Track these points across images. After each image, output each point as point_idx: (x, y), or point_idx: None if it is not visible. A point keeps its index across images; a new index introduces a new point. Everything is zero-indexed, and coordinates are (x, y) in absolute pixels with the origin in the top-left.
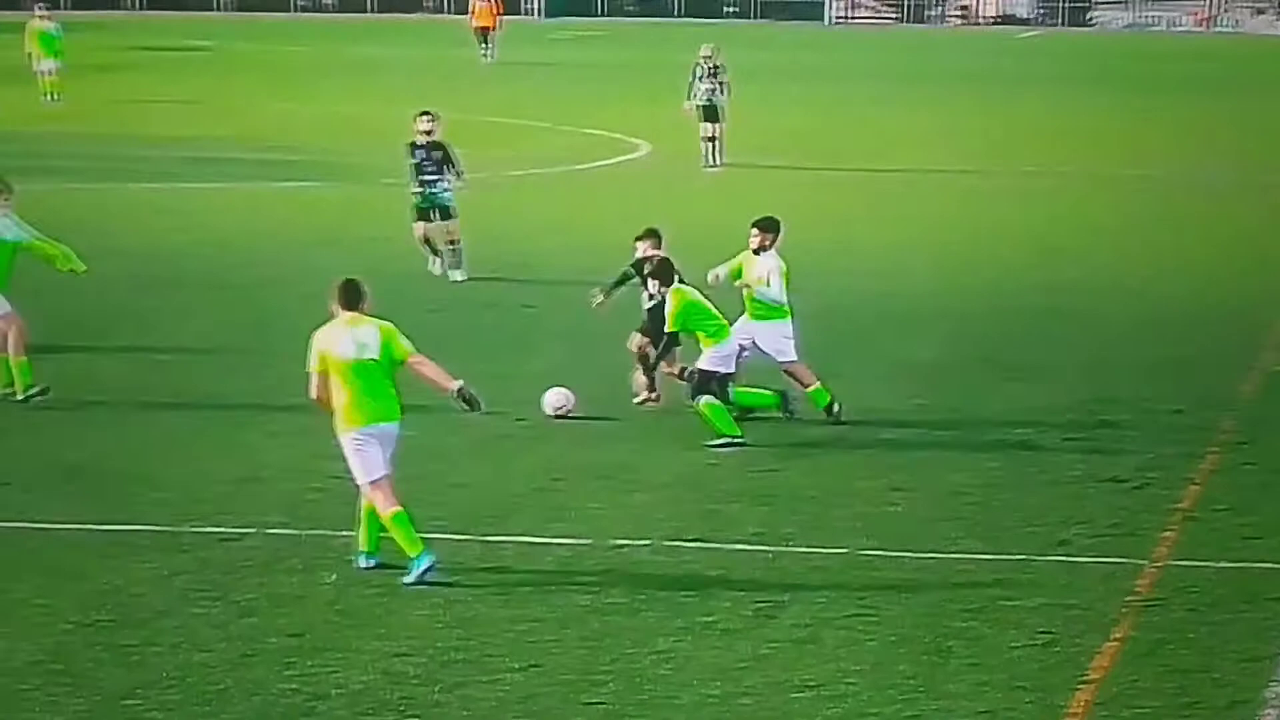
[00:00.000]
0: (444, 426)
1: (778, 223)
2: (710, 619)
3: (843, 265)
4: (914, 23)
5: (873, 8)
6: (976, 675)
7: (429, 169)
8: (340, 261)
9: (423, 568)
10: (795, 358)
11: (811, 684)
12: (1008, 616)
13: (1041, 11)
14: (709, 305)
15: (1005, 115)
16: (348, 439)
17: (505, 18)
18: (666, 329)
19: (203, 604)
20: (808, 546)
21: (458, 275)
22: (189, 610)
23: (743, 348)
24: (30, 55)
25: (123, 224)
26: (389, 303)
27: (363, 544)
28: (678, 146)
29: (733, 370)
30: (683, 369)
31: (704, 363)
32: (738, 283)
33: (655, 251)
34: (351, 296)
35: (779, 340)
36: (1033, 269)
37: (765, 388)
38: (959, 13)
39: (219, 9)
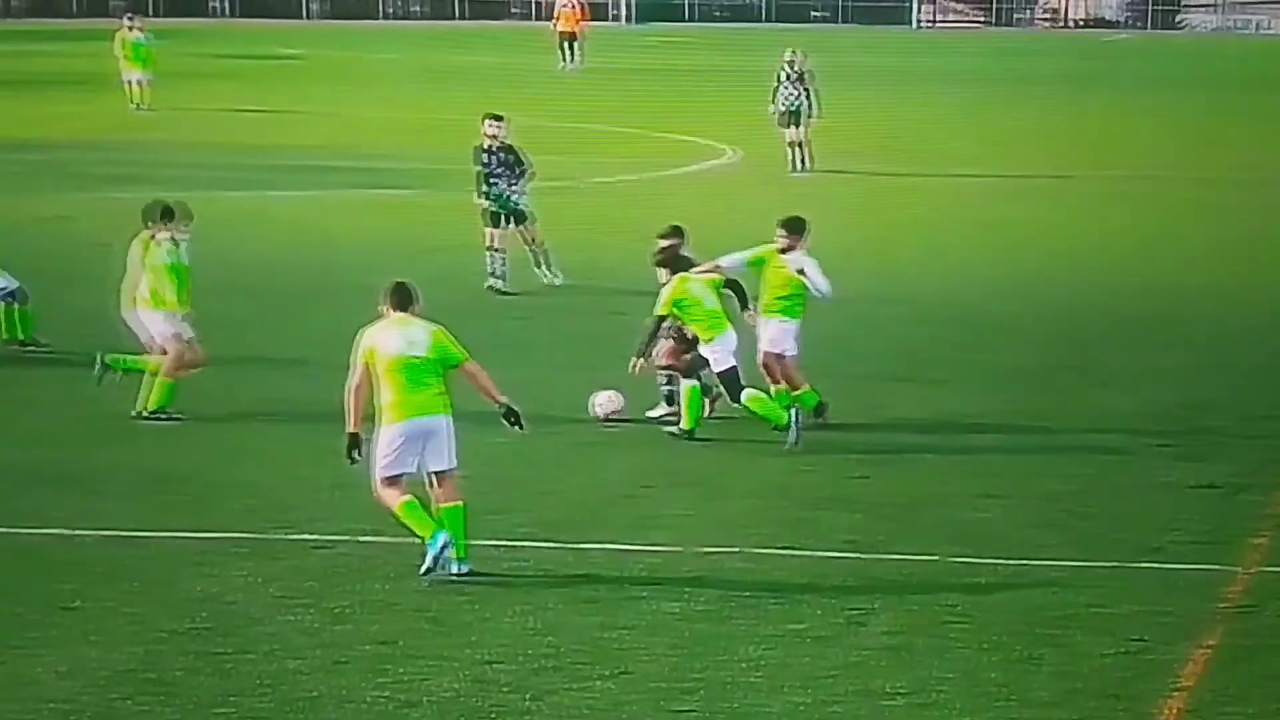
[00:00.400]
0: (534, 434)
1: (804, 223)
2: (800, 626)
3: (933, 270)
4: (1002, 26)
5: (960, 11)
6: (1067, 683)
7: (499, 173)
8: (431, 269)
9: (438, 546)
10: (796, 353)
11: (902, 691)
12: (1099, 623)
13: (1130, 14)
14: (708, 301)
15: (1098, 118)
16: (386, 434)
17: (594, 24)
18: (655, 311)
19: (295, 611)
20: (898, 553)
21: (552, 277)
22: (282, 617)
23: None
24: (120, 63)
25: (215, 232)
26: (476, 310)
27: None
28: (766, 152)
29: (734, 363)
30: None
31: (713, 363)
32: (790, 268)
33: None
34: (403, 298)
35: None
36: (1127, 273)
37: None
38: (1047, 16)
39: (308, 17)
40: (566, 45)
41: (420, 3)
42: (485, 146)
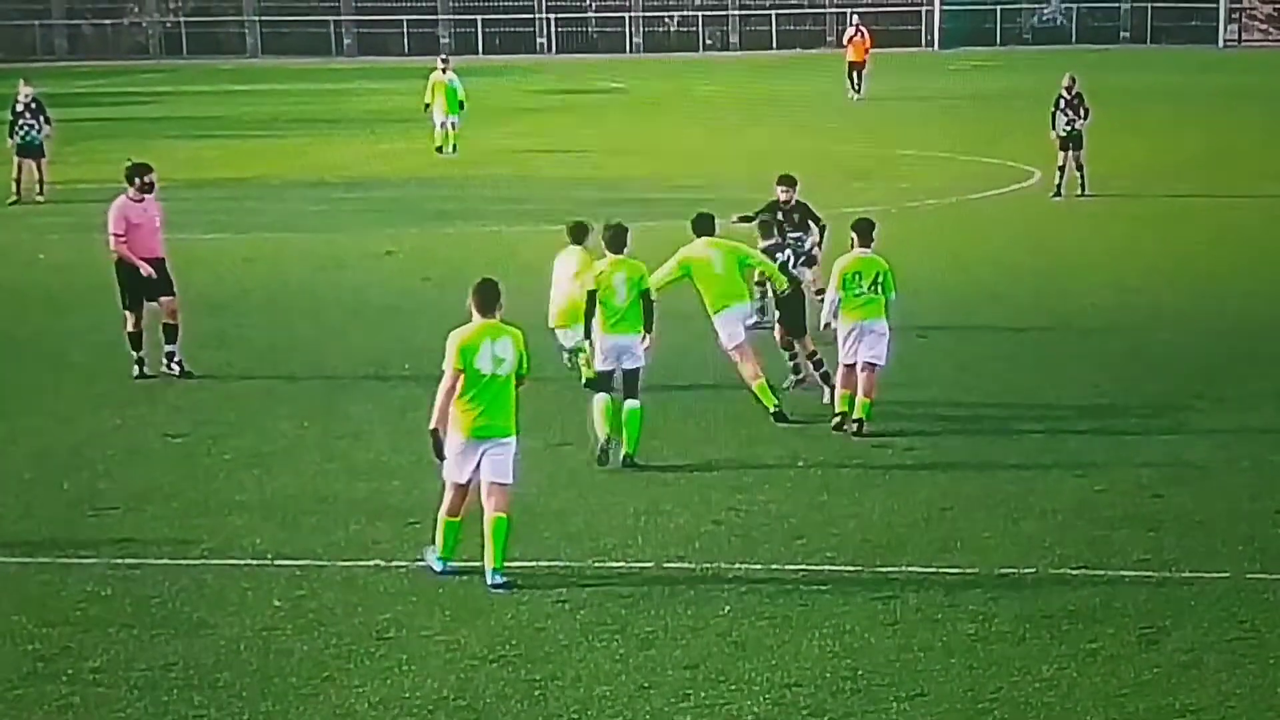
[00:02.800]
0: (836, 459)
1: (871, 225)
2: (1094, 645)
3: (1234, 288)
4: None
5: (1264, 30)
6: None
7: (788, 229)
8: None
9: (438, 568)
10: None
11: (1193, 708)
12: None
13: None
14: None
15: None
16: (453, 441)
17: (905, 49)
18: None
19: (603, 637)
20: (1192, 571)
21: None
22: (590, 644)
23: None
24: (429, 106)
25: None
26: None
27: (491, 561)
28: (1073, 174)
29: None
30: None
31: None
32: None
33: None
34: (488, 300)
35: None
36: None
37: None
38: None
39: (631, 51)
40: (855, 74)
41: (738, 34)
42: (781, 204)
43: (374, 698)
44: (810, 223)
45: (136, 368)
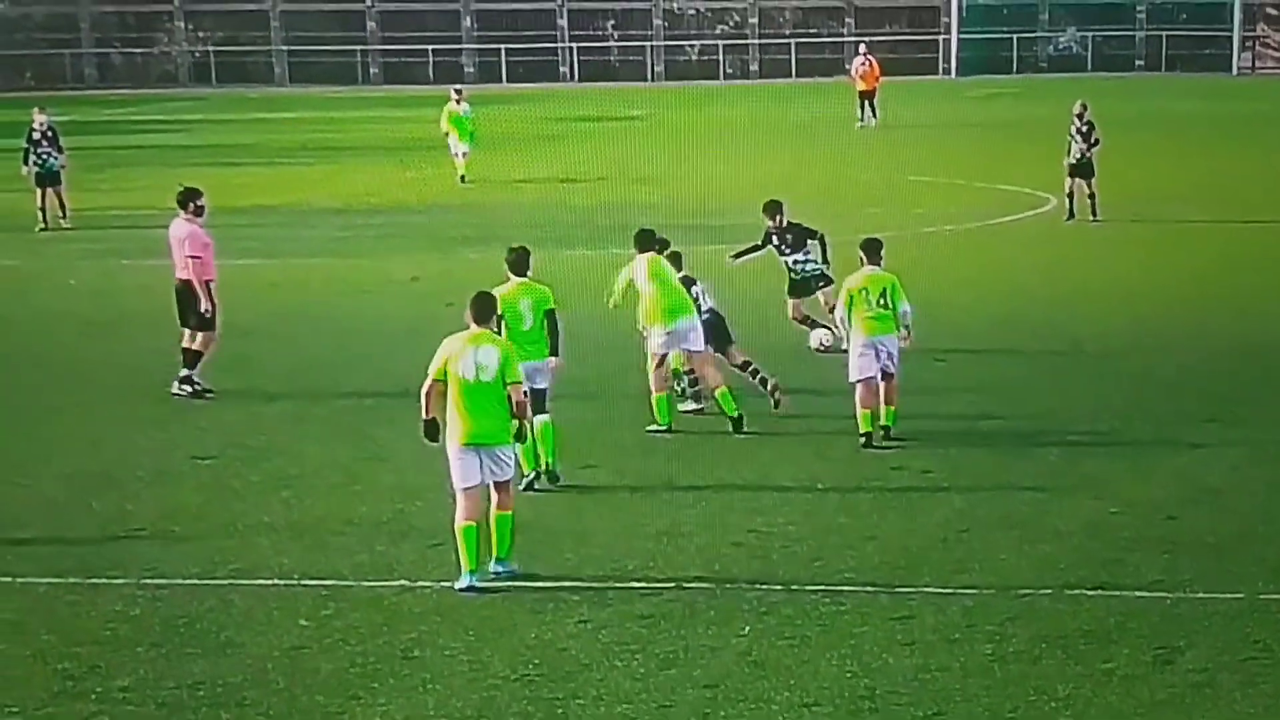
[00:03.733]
0: (853, 482)
1: (879, 244)
2: (1109, 665)
3: (1240, 311)
4: None
5: (1277, 58)
6: None
7: (787, 251)
8: (756, 319)
9: (464, 584)
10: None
11: None
12: None
13: None
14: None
15: None
16: (452, 449)
17: (923, 77)
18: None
19: (624, 657)
20: (1206, 592)
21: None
22: (611, 663)
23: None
24: (446, 135)
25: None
26: (788, 352)
27: (494, 550)
28: (1084, 200)
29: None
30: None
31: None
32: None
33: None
34: (483, 311)
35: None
36: None
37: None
38: None
39: (652, 79)
40: (866, 103)
41: (757, 63)
42: (772, 230)
43: (399, 716)
44: (806, 239)
45: (194, 387)
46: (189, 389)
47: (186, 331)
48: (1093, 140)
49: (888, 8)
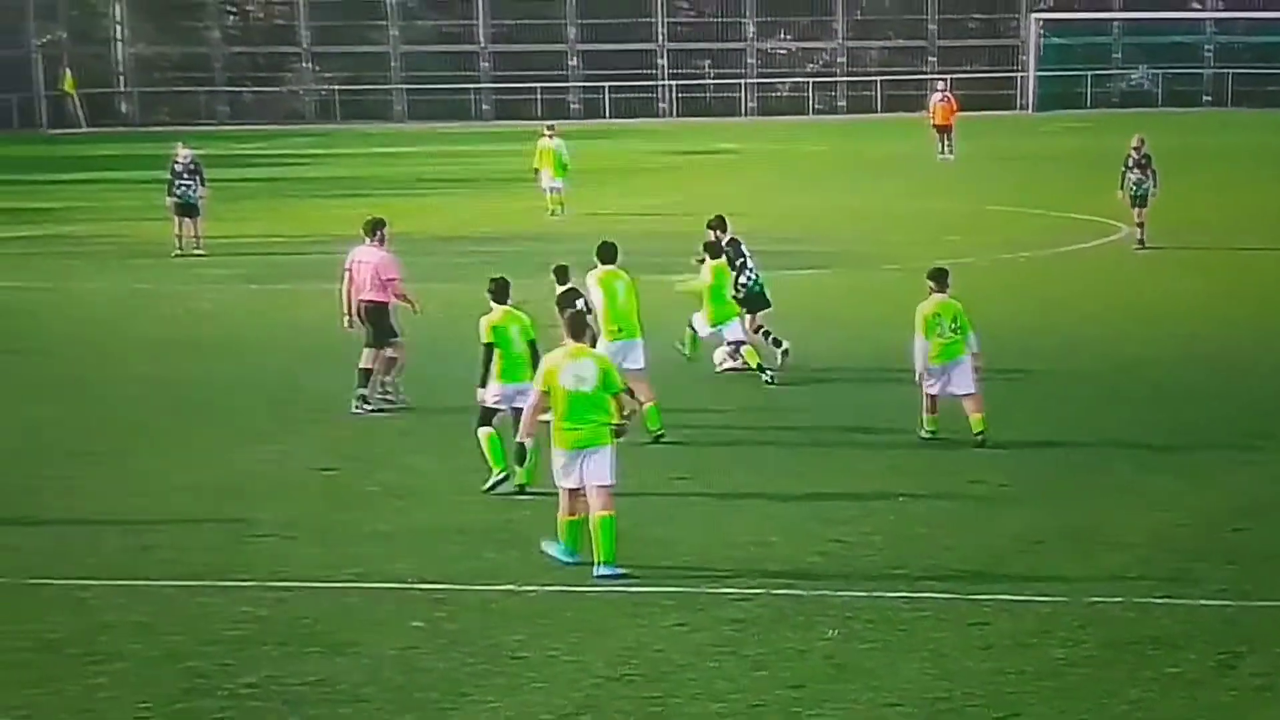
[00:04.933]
0: (932, 493)
1: (945, 272)
2: (1175, 670)
3: None
4: None
5: None
6: None
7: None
8: (837, 340)
9: (566, 558)
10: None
11: None
12: None
13: None
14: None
15: None
16: (556, 453)
17: (1001, 112)
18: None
19: (716, 659)
20: (1268, 600)
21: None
22: (704, 664)
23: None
24: (538, 171)
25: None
26: (868, 371)
27: (599, 555)
28: (1152, 229)
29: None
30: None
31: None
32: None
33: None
34: (577, 329)
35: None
36: None
37: None
38: None
39: (745, 114)
40: (944, 137)
41: (844, 99)
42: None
43: (507, 713)
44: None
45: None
46: (368, 406)
47: (367, 352)
48: (1150, 174)
49: (969, 47)
